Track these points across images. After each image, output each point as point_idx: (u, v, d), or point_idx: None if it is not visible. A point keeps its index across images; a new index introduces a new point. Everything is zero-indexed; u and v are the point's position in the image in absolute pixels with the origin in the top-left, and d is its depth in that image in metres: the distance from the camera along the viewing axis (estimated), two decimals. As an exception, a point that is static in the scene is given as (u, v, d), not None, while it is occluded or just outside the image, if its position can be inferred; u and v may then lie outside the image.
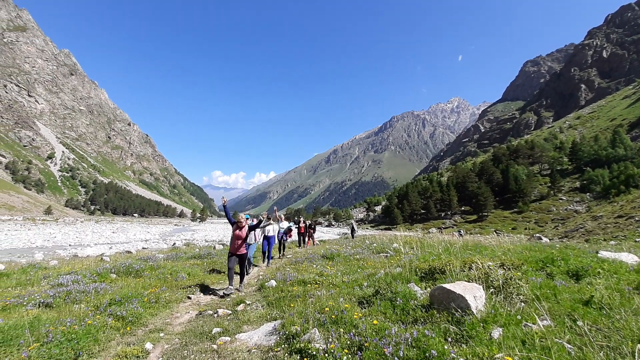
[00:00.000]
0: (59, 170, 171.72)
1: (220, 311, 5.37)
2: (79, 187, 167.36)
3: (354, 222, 24.45)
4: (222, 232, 50.63)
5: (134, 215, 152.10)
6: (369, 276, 6.72)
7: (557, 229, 42.05)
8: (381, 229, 67.08)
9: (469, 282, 4.34)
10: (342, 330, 3.70)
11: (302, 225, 17.33)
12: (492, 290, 4.26)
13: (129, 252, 15.39)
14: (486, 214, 62.90)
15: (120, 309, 5.12)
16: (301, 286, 6.39)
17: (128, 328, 4.69)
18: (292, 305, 5.09)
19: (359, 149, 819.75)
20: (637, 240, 20.21)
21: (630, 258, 6.59)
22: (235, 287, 7.04)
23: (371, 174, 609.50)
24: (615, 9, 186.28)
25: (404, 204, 78.14)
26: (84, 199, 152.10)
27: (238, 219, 7.02)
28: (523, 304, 4.02)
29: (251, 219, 9.62)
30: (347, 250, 12.55)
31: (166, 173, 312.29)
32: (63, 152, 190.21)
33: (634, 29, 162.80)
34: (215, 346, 3.97)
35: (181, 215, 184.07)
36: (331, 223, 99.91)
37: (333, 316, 4.12)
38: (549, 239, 20.56)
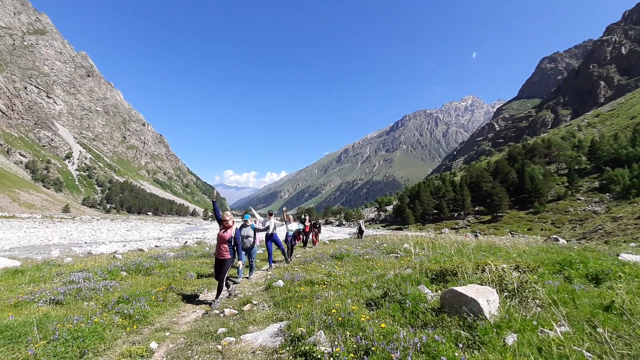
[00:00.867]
0: (77, 169, 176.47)
1: (226, 311, 5.33)
2: (96, 186, 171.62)
3: (362, 222, 24.34)
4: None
5: (148, 213, 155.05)
6: (378, 277, 6.58)
7: (575, 230, 40.86)
8: (392, 229, 66.52)
9: (482, 285, 4.17)
10: (349, 333, 3.59)
11: (307, 224, 16.54)
12: (506, 294, 4.08)
13: (141, 250, 15.61)
14: (501, 215, 61.61)
15: (127, 307, 5.13)
16: (309, 287, 6.30)
17: (135, 326, 4.69)
18: (299, 306, 5.00)
19: (370, 148, 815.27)
20: (661, 242, 19.40)
21: (654, 261, 6.27)
22: (217, 301, 5.93)
23: (382, 174, 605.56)
24: (632, 5, 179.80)
25: (416, 204, 77.24)
26: (100, 198, 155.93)
27: (223, 217, 6.07)
28: (539, 309, 3.84)
29: (255, 221, 8.98)
30: (357, 250, 12.42)
31: (179, 172, 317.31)
32: (80, 152, 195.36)
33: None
34: (219, 347, 3.91)
35: (193, 214, 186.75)
36: (342, 223, 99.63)
37: (340, 318, 4.01)
38: (567, 241, 19.94)
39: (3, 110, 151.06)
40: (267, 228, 8.71)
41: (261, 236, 10.12)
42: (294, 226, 11.87)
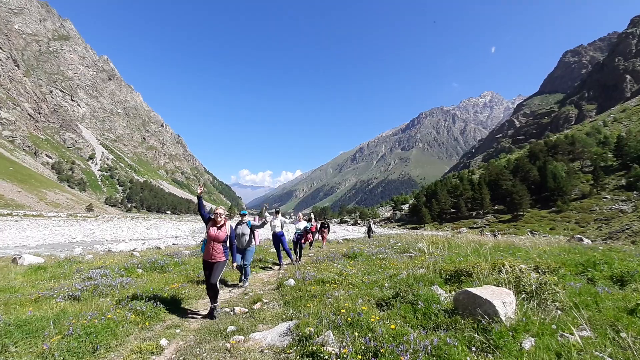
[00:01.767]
0: (99, 169, 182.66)
1: (237, 309, 5.34)
2: (117, 186, 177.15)
3: (372, 222, 24.19)
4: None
5: (167, 212, 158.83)
6: (391, 277, 6.46)
7: (601, 230, 39.23)
8: (408, 228, 65.71)
9: (498, 287, 4.00)
10: (357, 333, 3.51)
11: (315, 224, 15.77)
12: (524, 295, 3.90)
13: (158, 248, 15.94)
14: (521, 214, 59.86)
15: (140, 304, 5.21)
16: (320, 286, 6.24)
17: (147, 323, 4.75)
18: (309, 305, 4.95)
19: (386, 147, 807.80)
20: (695, 243, 18.33)
21: (687, 263, 5.88)
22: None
23: (398, 172, 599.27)
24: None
25: (433, 203, 76.02)
26: (122, 197, 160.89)
27: (215, 211, 5.35)
28: (559, 312, 3.65)
29: (253, 217, 8.31)
30: (370, 249, 12.29)
31: (196, 172, 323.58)
32: (102, 153, 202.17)
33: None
34: (228, 345, 3.91)
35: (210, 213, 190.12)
36: (357, 222, 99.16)
37: (349, 318, 3.94)
38: (591, 241, 19.10)
39: (30, 113, 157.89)
40: (264, 225, 7.69)
41: (261, 235, 9.72)
42: (302, 225, 11.40)
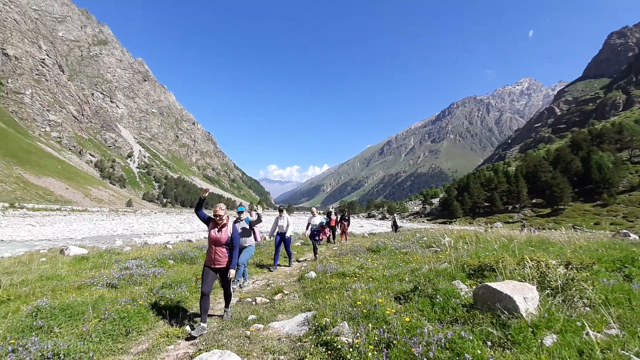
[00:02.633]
0: (137, 167, 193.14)
1: (258, 299, 5.54)
2: (154, 182, 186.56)
3: (397, 216, 23.85)
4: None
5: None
6: (412, 271, 6.39)
7: (651, 225, 36.18)
8: (438, 223, 64.10)
9: (521, 282, 3.86)
10: (372, 325, 3.54)
11: (334, 218, 15.12)
12: (549, 291, 3.73)
13: (190, 241, 16.70)
14: (562, 207, 56.42)
15: (169, 292, 5.54)
16: (340, 279, 6.31)
17: (174, 310, 5.05)
18: (327, 297, 5.03)
19: (415, 139, 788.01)
20: None
21: None
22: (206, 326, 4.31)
23: (428, 165, 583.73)
24: None
25: (465, 197, 73.40)
26: (158, 193, 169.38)
27: (215, 211, 4.61)
28: (587, 309, 3.46)
29: (250, 213, 7.54)
30: (395, 243, 12.15)
31: (226, 168, 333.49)
32: (140, 151, 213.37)
33: None
34: (248, 332, 4.08)
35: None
36: (385, 216, 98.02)
37: (365, 310, 3.97)
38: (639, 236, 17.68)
39: (75, 115, 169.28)
40: (259, 220, 7.06)
41: (260, 231, 7.84)
42: (318, 220, 10.74)
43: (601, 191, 54.83)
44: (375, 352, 3.01)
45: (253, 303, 5.44)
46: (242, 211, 7.15)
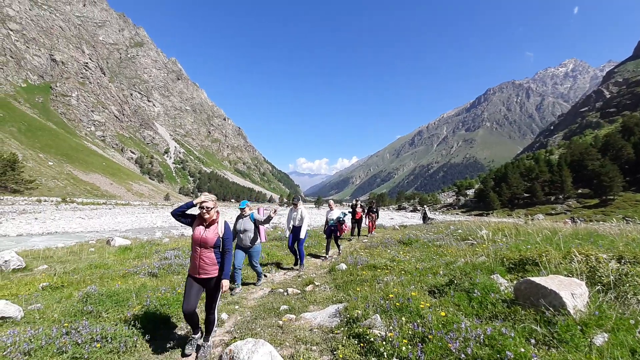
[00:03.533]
0: (173, 162, 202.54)
1: (290, 290, 5.61)
2: (188, 177, 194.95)
3: (426, 208, 23.13)
4: (307, 216, 53.15)
5: (231, 200, 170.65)
6: (447, 264, 6.18)
7: None
8: (473, 215, 61.68)
9: (567, 277, 3.59)
10: (406, 319, 3.46)
11: (359, 210, 13.35)
12: (600, 287, 3.45)
13: (224, 233, 17.26)
14: (612, 198, 52.23)
15: (205, 282, 5.75)
16: (371, 271, 6.23)
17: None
18: (359, 289, 4.99)
19: (447, 128, 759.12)
20: None
21: None
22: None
23: (462, 155, 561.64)
24: None
25: (502, 187, 69.94)
26: (192, 187, 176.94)
27: (201, 202, 3.60)
28: (644, 307, 3.16)
29: (257, 209, 6.59)
30: (428, 236, 11.83)
31: (256, 162, 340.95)
32: (175, 147, 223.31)
33: None
34: (280, 322, 4.14)
35: (270, 200, 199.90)
36: (416, 208, 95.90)
37: (398, 304, 3.89)
38: None
39: (116, 114, 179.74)
40: (269, 220, 6.16)
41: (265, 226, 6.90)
42: (336, 214, 9.31)
43: (657, 180, 50.15)
44: (409, 347, 2.94)
45: (285, 294, 5.52)
46: (244, 207, 6.21)
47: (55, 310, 4.54)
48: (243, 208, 6.19)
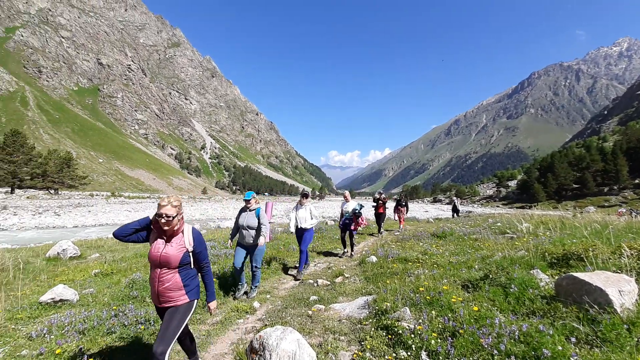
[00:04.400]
0: (209, 158, 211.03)
1: (320, 281, 5.68)
2: (224, 171, 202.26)
3: (457, 200, 22.19)
4: (337, 209, 53.28)
5: (265, 194, 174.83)
6: (483, 258, 5.94)
7: None
8: (515, 207, 58.48)
9: (616, 273, 3.33)
10: (436, 312, 3.40)
11: (382, 203, 12.13)
12: (653, 285, 3.16)
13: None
14: (673, 188, 47.32)
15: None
16: (402, 264, 6.15)
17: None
18: (388, 282, 4.95)
19: (487, 117, 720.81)
20: None
21: None
22: None
23: (503, 144, 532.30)
24: None
25: (548, 178, 65.61)
26: (228, 181, 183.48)
27: (160, 209, 2.47)
28: None
29: (265, 203, 5.72)
30: (463, 229, 11.42)
31: (289, 155, 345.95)
32: (211, 143, 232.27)
33: None
34: (310, 312, 4.23)
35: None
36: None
37: (428, 297, 3.82)
38: None
39: (157, 113, 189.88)
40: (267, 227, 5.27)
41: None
42: (351, 206, 8.26)
43: None
44: (438, 340, 2.88)
45: (314, 285, 5.61)
46: (249, 199, 5.16)
47: (105, 294, 4.96)
48: (248, 200, 5.13)
